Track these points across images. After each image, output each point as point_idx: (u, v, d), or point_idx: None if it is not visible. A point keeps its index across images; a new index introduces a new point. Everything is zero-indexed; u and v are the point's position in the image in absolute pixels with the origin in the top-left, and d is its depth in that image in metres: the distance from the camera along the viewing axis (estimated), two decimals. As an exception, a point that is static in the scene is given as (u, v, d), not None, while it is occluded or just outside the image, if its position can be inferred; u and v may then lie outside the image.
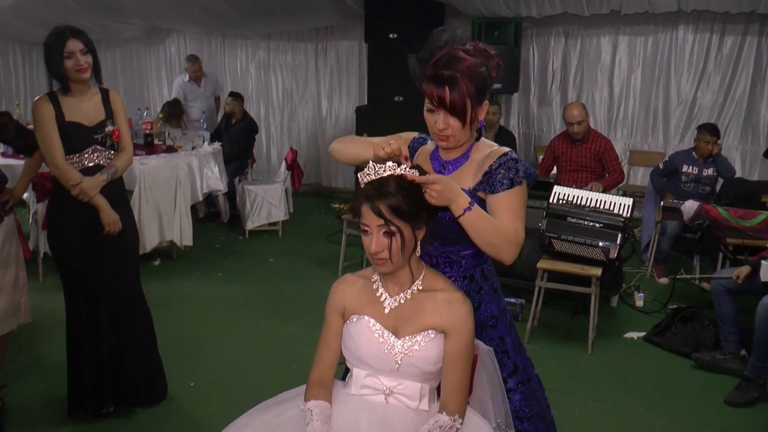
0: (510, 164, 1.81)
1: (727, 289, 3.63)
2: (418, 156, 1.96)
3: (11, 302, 3.06)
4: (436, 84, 1.74)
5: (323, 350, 1.80)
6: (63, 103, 2.80)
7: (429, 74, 1.75)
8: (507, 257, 1.77)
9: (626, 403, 3.35)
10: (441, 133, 1.80)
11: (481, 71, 1.77)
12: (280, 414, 1.77)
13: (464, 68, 1.74)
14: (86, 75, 2.78)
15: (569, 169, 5.22)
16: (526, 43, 6.98)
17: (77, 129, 2.81)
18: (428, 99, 1.77)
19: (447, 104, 1.74)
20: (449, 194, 1.67)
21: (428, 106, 1.79)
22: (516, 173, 1.80)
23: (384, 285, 1.77)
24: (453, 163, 1.88)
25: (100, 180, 2.83)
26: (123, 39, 9.21)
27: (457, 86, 1.73)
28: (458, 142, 1.83)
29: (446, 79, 1.73)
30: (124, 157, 2.94)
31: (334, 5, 7.19)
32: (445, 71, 1.73)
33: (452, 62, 1.74)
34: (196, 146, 5.93)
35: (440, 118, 1.77)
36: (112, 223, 2.86)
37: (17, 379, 3.39)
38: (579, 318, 4.33)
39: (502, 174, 1.80)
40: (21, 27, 8.46)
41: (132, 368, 3.05)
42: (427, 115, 1.81)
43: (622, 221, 3.87)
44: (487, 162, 1.84)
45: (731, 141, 6.34)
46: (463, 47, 1.78)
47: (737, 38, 6.19)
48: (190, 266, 5.44)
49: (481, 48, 1.81)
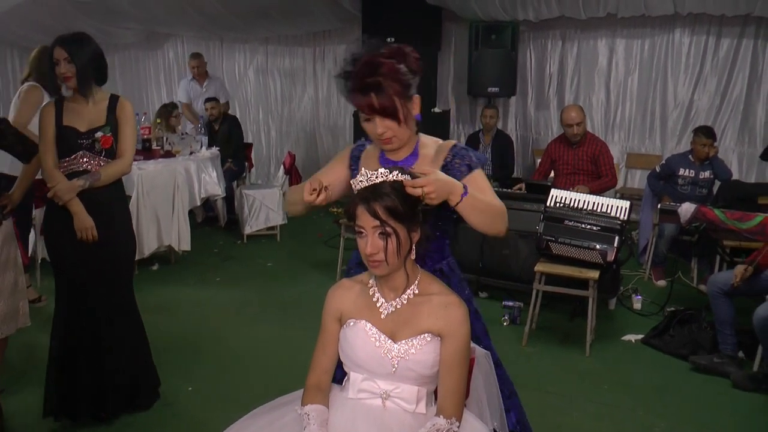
0: (462, 153, 1.94)
1: (723, 291, 3.63)
2: (366, 161, 2.02)
3: (10, 306, 3.06)
4: (362, 93, 1.82)
5: (320, 355, 1.81)
6: (65, 108, 2.84)
7: (354, 87, 1.83)
8: (502, 229, 1.87)
9: (625, 406, 3.36)
10: (383, 138, 1.87)
11: (401, 68, 1.84)
12: (277, 418, 1.78)
13: (384, 71, 1.81)
14: (69, 83, 2.81)
15: (566, 172, 5.23)
16: (523, 47, 7.00)
17: (70, 133, 2.83)
18: (360, 109, 1.85)
19: (378, 108, 1.82)
20: (445, 187, 1.71)
21: (363, 116, 1.87)
22: (471, 159, 1.93)
23: (380, 290, 1.77)
24: (404, 162, 1.95)
25: (76, 185, 2.81)
26: (122, 44, 9.23)
27: (382, 89, 1.80)
28: (402, 141, 1.91)
29: (370, 85, 1.80)
30: (114, 165, 2.91)
31: (331, 9, 7.21)
32: (367, 79, 1.81)
33: (372, 69, 1.81)
34: (194, 151, 5.93)
35: (377, 123, 1.85)
36: (85, 230, 2.83)
37: (15, 384, 3.39)
38: (577, 321, 4.33)
39: (459, 163, 1.92)
40: (20, 32, 8.46)
41: (116, 376, 3.03)
42: (365, 125, 1.89)
43: (619, 224, 3.88)
44: (439, 156, 1.94)
45: (728, 143, 6.36)
46: (378, 53, 1.85)
47: (733, 41, 6.21)
48: (188, 271, 5.43)
49: (396, 48, 1.88)
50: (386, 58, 1.83)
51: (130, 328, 3.11)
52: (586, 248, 3.85)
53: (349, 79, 1.85)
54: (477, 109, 7.18)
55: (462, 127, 7.57)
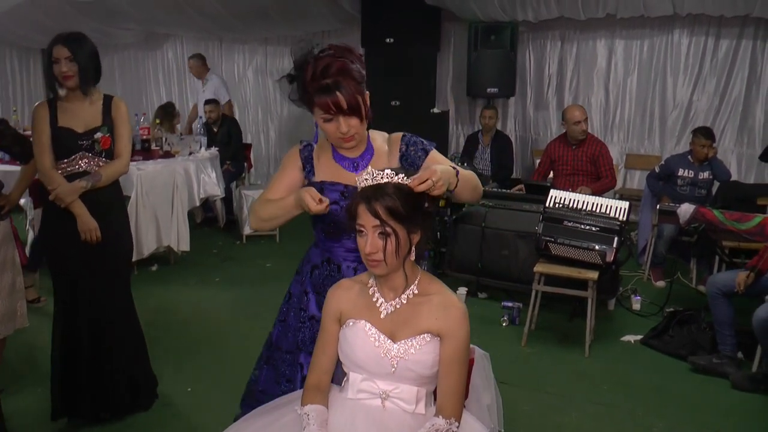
0: (414, 140, 2.01)
1: (722, 292, 3.63)
2: (318, 163, 2.01)
3: (8, 307, 3.06)
4: (326, 94, 1.82)
5: (320, 355, 1.81)
6: (60, 109, 2.81)
7: (314, 89, 1.83)
8: (481, 194, 2.06)
9: (624, 406, 3.36)
10: (346, 136, 1.89)
11: (354, 66, 1.86)
12: (277, 418, 1.78)
13: (340, 70, 1.83)
14: (70, 82, 2.78)
15: (566, 173, 5.23)
16: (522, 47, 7.00)
17: (67, 134, 2.81)
18: (324, 110, 1.85)
19: (344, 107, 1.83)
20: (446, 173, 1.76)
21: (324, 116, 1.87)
22: (423, 144, 2.01)
23: (380, 290, 1.77)
24: (361, 158, 1.98)
25: (78, 187, 2.80)
26: (121, 44, 9.21)
27: (344, 88, 1.82)
28: (361, 137, 1.95)
29: (332, 86, 1.81)
30: (113, 165, 2.90)
31: (330, 9, 7.20)
32: (327, 80, 1.81)
33: (328, 69, 1.82)
34: (193, 151, 5.93)
35: (341, 122, 1.86)
36: (88, 231, 2.83)
37: (14, 384, 3.38)
38: (576, 321, 4.33)
39: (414, 150, 1.99)
40: (19, 32, 8.46)
41: (116, 376, 3.03)
42: (326, 126, 1.89)
43: (618, 225, 3.88)
44: (393, 147, 2.00)
45: (727, 144, 6.36)
46: (327, 54, 1.85)
47: (732, 41, 6.22)
48: (188, 271, 5.43)
49: (342, 47, 1.89)
50: (338, 57, 1.84)
51: (129, 328, 3.11)
52: (585, 249, 3.85)
53: (302, 82, 1.85)
54: (476, 109, 7.18)
55: (461, 127, 7.56)
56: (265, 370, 2.12)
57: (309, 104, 1.88)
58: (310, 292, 2.04)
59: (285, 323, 2.11)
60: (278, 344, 2.10)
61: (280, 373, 2.05)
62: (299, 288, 2.09)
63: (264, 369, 2.13)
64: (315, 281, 2.04)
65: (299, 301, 2.07)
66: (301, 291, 2.08)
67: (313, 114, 1.90)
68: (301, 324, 2.04)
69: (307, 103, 1.88)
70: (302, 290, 2.07)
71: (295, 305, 2.08)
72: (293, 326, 2.06)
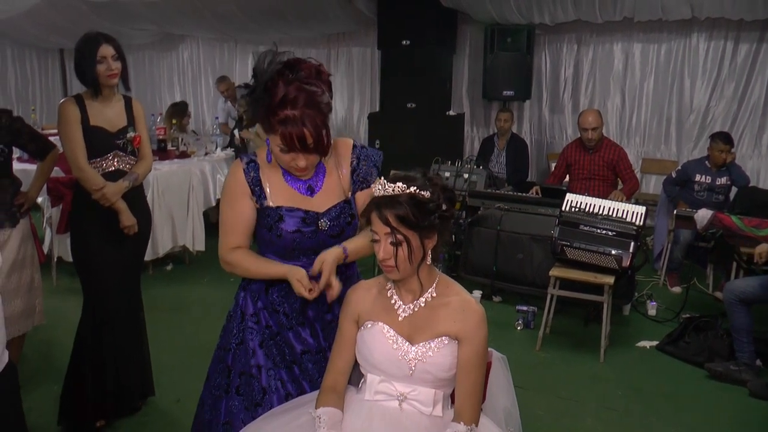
0: (365, 153, 1.94)
1: (740, 299, 3.59)
2: (269, 184, 1.86)
3: (27, 304, 3.09)
4: (292, 126, 1.68)
5: (336, 356, 1.81)
6: (89, 107, 2.83)
7: (279, 119, 1.69)
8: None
9: (638, 413, 3.33)
10: (301, 168, 1.79)
11: (323, 98, 1.73)
12: (293, 419, 1.78)
13: (309, 102, 1.69)
14: (115, 80, 2.83)
15: (582, 177, 5.20)
16: (538, 50, 6.97)
17: (100, 133, 2.83)
18: (286, 143, 1.71)
19: (309, 143, 1.71)
20: (336, 262, 1.79)
21: (283, 147, 1.72)
22: (373, 158, 1.94)
23: (398, 292, 1.77)
24: (314, 180, 1.88)
25: (122, 186, 2.87)
26: (136, 45, 9.27)
27: (311, 123, 1.68)
28: (315, 164, 1.84)
29: (299, 119, 1.68)
30: (144, 164, 2.99)
31: (347, 11, 7.21)
32: (294, 111, 1.68)
33: (297, 101, 1.68)
34: (209, 152, 5.96)
35: (300, 157, 1.74)
36: (131, 226, 2.92)
37: (30, 382, 3.41)
38: (591, 326, 4.30)
39: (365, 165, 1.92)
40: (37, 34, 8.55)
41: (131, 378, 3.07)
42: (282, 155, 1.76)
43: (634, 229, 3.86)
44: (343, 160, 1.91)
45: (745, 149, 6.30)
46: (297, 78, 1.70)
47: (752, 46, 6.16)
48: (203, 271, 5.45)
49: (313, 68, 1.73)
50: (307, 84, 1.69)
51: (141, 328, 3.15)
52: (602, 253, 3.82)
53: (267, 104, 1.69)
54: (491, 112, 7.17)
55: (476, 130, 7.55)
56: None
57: (269, 129, 1.73)
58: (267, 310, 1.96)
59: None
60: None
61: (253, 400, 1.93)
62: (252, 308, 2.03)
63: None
64: (273, 300, 1.94)
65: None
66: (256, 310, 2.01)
67: (267, 134, 1.76)
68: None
69: (267, 127, 1.73)
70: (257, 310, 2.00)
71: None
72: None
